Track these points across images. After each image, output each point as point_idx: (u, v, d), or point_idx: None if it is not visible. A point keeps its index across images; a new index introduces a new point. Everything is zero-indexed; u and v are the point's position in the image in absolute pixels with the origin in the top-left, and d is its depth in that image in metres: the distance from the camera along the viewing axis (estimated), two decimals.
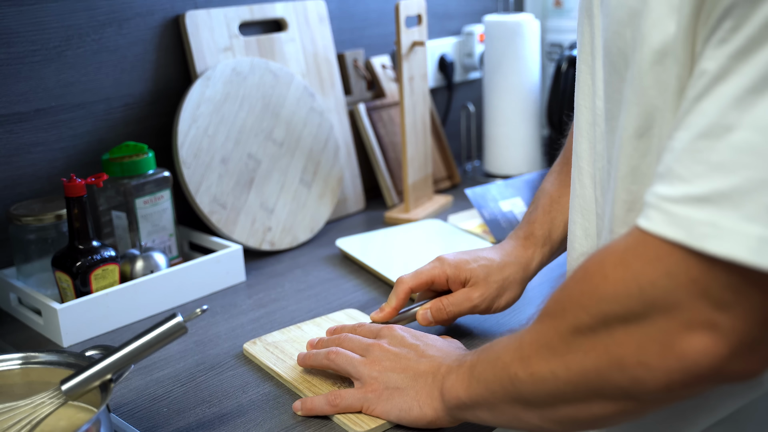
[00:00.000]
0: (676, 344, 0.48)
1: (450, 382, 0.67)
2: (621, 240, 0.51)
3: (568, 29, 1.64)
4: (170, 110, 1.17)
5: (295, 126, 1.22)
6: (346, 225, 1.29)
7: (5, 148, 1.03)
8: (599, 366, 0.52)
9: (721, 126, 0.46)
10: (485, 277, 0.85)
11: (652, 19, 0.53)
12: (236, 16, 1.21)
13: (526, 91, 1.43)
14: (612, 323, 0.51)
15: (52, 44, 1.05)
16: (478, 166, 1.58)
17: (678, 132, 0.49)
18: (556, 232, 0.88)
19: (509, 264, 0.86)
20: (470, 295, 0.84)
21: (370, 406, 0.71)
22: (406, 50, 1.25)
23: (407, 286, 0.85)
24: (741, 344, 0.47)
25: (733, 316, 0.46)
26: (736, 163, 0.45)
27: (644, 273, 0.48)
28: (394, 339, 0.75)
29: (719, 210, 0.45)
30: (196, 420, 0.75)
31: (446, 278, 0.85)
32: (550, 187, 0.90)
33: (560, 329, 0.55)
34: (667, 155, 0.49)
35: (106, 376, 0.65)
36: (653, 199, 0.48)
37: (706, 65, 0.48)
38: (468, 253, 0.88)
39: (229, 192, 1.13)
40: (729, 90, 0.46)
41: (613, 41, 0.59)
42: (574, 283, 0.55)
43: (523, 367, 0.58)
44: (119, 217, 1.05)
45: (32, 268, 1.01)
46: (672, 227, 0.47)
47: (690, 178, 0.46)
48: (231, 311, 0.99)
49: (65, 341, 0.92)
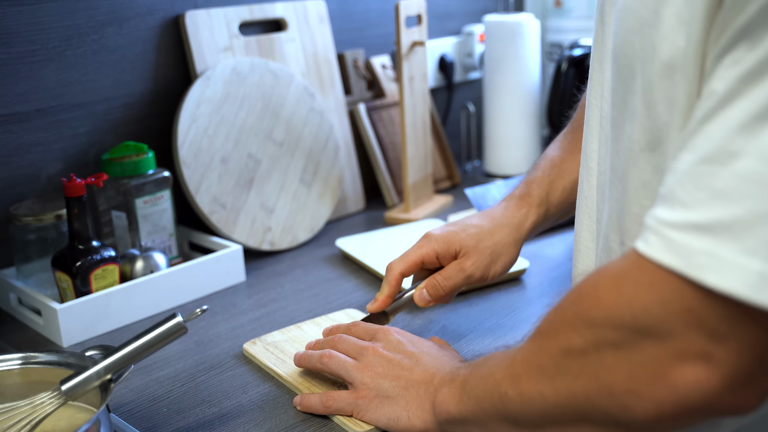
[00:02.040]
0: (667, 374, 0.46)
1: (442, 395, 0.66)
2: (617, 262, 0.50)
3: (568, 29, 1.64)
4: (170, 110, 1.17)
5: (295, 126, 1.22)
6: (346, 225, 1.29)
7: (5, 148, 1.03)
8: (588, 391, 0.51)
9: (725, 152, 0.44)
10: (476, 245, 0.82)
11: (663, 31, 0.52)
12: (236, 16, 1.21)
13: (526, 91, 1.43)
14: (603, 348, 0.50)
15: (52, 44, 1.05)
16: (478, 166, 1.58)
17: (683, 153, 0.47)
18: (553, 195, 0.85)
19: (500, 227, 0.84)
20: (462, 266, 0.82)
21: (360, 412, 0.70)
22: (406, 50, 1.25)
23: (397, 271, 0.83)
24: (734, 378, 0.45)
25: (727, 349, 0.45)
26: (739, 192, 0.43)
27: (638, 298, 0.47)
28: (389, 343, 0.74)
29: (719, 240, 0.43)
30: (196, 420, 0.75)
31: (436, 255, 0.83)
32: (553, 152, 0.87)
33: (551, 350, 0.54)
34: (670, 177, 0.47)
35: (106, 376, 0.65)
36: (653, 223, 0.47)
37: (715, 85, 0.46)
38: (456, 224, 0.85)
39: (229, 192, 1.13)
40: (736, 114, 0.44)
41: (621, 48, 0.57)
42: (567, 303, 0.54)
43: (513, 386, 0.57)
44: (119, 217, 1.05)
45: (32, 268, 1.01)
46: (669, 254, 0.45)
47: (691, 204, 0.45)
48: (231, 311, 0.99)
49: (65, 341, 0.92)
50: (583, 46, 1.42)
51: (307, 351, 0.79)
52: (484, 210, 0.88)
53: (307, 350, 0.80)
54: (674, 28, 0.51)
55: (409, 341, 0.75)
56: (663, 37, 0.52)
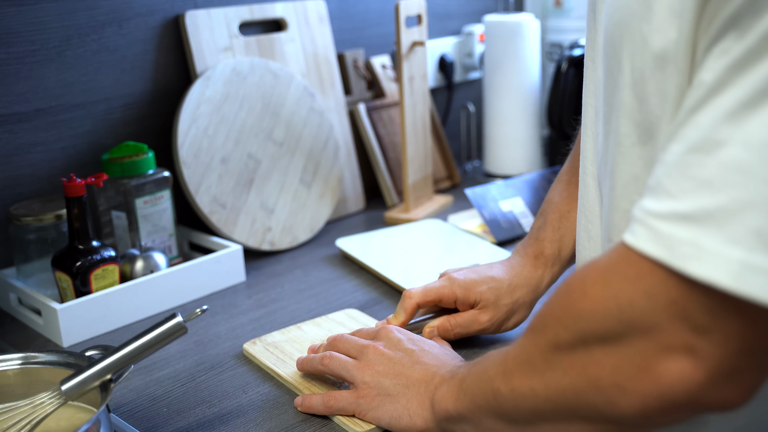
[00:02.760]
0: (652, 367, 0.46)
1: (441, 393, 0.66)
2: (605, 256, 0.50)
3: (568, 29, 1.64)
4: (170, 110, 1.17)
5: (295, 126, 1.22)
6: (346, 225, 1.29)
7: (5, 148, 1.03)
8: (576, 385, 0.51)
9: (712, 141, 0.44)
10: (495, 301, 0.83)
11: (654, 24, 0.51)
12: (236, 16, 1.21)
13: (526, 91, 1.43)
14: (590, 342, 0.49)
15: (52, 44, 1.05)
16: (478, 166, 1.58)
17: (671, 144, 0.47)
18: (565, 251, 0.86)
19: (519, 287, 0.85)
20: (479, 318, 0.83)
21: (361, 412, 0.71)
22: (406, 50, 1.25)
23: (415, 302, 0.84)
24: (719, 372, 0.45)
25: (711, 342, 0.44)
26: (723, 181, 0.43)
27: (624, 291, 0.47)
28: (389, 341, 0.74)
29: (702, 230, 0.43)
30: (196, 420, 0.75)
31: (455, 299, 0.84)
32: (559, 199, 0.87)
33: (541, 345, 0.54)
34: (659, 168, 0.47)
35: (106, 376, 0.65)
36: (640, 214, 0.47)
37: (704, 76, 0.46)
38: (476, 272, 0.86)
39: (229, 192, 1.13)
40: (723, 103, 0.44)
41: (610, 43, 0.57)
42: (556, 298, 0.53)
43: (505, 382, 0.57)
44: (119, 217, 1.05)
45: (32, 268, 1.01)
46: (655, 244, 0.45)
47: (677, 194, 0.45)
48: (231, 311, 0.99)
49: (65, 341, 0.92)
50: (583, 46, 1.42)
51: (309, 355, 0.79)
52: (502, 261, 0.88)
53: (309, 354, 0.80)
54: (666, 20, 0.50)
55: (409, 339, 0.75)
56: (655, 30, 0.51)
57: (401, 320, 0.84)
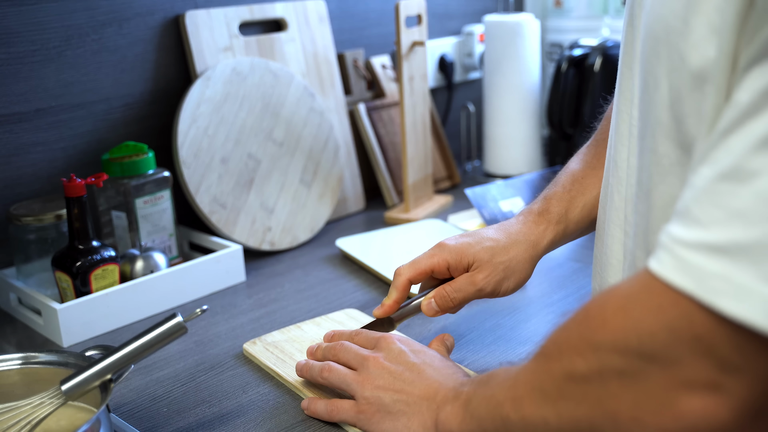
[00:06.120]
0: (674, 403, 0.44)
1: (445, 414, 0.64)
2: (628, 282, 0.47)
3: (568, 29, 1.65)
4: (170, 110, 1.17)
5: (295, 126, 1.22)
6: (346, 225, 1.29)
7: (5, 148, 1.03)
8: (592, 417, 0.49)
9: (745, 169, 0.41)
10: (489, 259, 0.79)
11: (692, 41, 0.48)
12: (236, 16, 1.21)
13: (526, 91, 1.43)
14: (607, 374, 0.47)
15: (52, 44, 1.05)
16: (478, 166, 1.58)
17: (702, 167, 0.44)
18: (573, 212, 0.82)
19: (516, 243, 0.81)
20: (474, 279, 0.80)
21: (362, 427, 0.69)
22: (406, 50, 1.25)
23: (405, 277, 0.81)
24: (745, 411, 0.43)
25: (739, 381, 0.42)
26: (758, 213, 0.40)
27: (645, 322, 0.45)
28: (390, 353, 0.71)
29: (735, 264, 0.40)
30: (196, 420, 0.75)
31: (447, 265, 0.80)
32: (575, 166, 0.84)
33: (554, 373, 0.52)
34: (688, 192, 0.44)
35: (106, 376, 0.65)
36: (666, 240, 0.44)
37: (740, 96, 0.43)
38: (471, 235, 0.82)
39: (229, 192, 1.13)
40: (757, 129, 0.41)
41: (647, 57, 0.54)
42: (573, 324, 0.51)
43: (515, 409, 0.55)
44: (119, 217, 1.05)
45: (32, 268, 1.01)
46: (681, 274, 0.43)
47: (707, 223, 0.42)
48: (231, 311, 0.99)
49: (65, 341, 0.92)
50: (583, 46, 1.42)
51: (309, 361, 0.77)
52: (501, 223, 0.85)
53: (308, 360, 0.78)
54: (704, 37, 0.48)
55: (411, 351, 0.72)
56: (692, 47, 0.49)
57: (394, 298, 0.80)
